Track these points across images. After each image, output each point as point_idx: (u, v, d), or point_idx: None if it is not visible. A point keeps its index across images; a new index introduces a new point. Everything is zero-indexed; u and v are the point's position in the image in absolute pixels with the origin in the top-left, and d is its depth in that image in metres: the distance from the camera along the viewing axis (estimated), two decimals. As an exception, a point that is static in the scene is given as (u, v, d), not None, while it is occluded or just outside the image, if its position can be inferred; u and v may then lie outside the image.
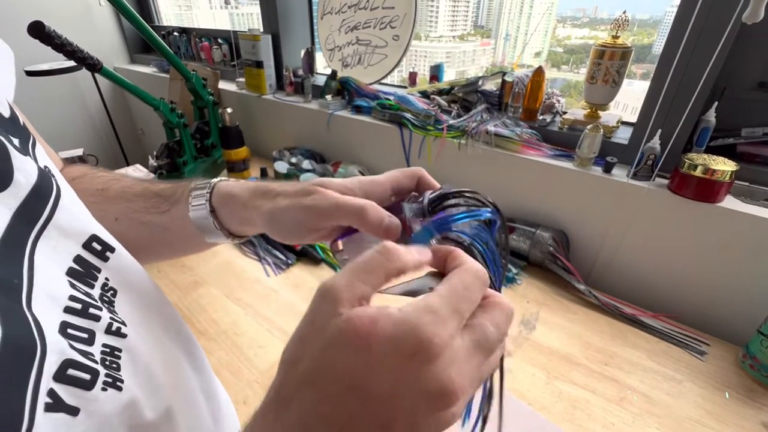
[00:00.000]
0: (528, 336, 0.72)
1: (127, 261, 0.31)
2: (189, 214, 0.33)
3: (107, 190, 0.36)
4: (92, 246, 0.28)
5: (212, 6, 2.39)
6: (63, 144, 1.78)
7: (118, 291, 0.29)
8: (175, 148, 1.21)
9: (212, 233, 0.34)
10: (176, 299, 0.81)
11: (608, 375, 0.65)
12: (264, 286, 0.85)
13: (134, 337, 0.27)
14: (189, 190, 0.34)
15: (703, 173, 0.69)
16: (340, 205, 0.27)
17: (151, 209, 0.34)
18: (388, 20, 1.17)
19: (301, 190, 0.30)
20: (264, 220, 0.31)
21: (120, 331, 0.26)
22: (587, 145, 0.81)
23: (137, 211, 0.34)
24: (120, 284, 0.29)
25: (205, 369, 0.38)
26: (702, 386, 0.63)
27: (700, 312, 0.76)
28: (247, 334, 0.73)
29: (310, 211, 0.28)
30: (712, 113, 0.73)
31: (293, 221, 0.29)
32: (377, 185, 0.30)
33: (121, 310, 0.28)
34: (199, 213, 0.33)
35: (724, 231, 0.71)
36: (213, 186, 0.33)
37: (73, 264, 0.26)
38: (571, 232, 0.89)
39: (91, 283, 0.27)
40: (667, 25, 1.20)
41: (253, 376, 0.65)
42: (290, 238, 0.31)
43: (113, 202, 0.35)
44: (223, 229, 0.33)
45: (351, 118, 1.17)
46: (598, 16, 3.07)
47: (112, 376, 0.24)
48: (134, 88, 1.09)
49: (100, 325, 0.25)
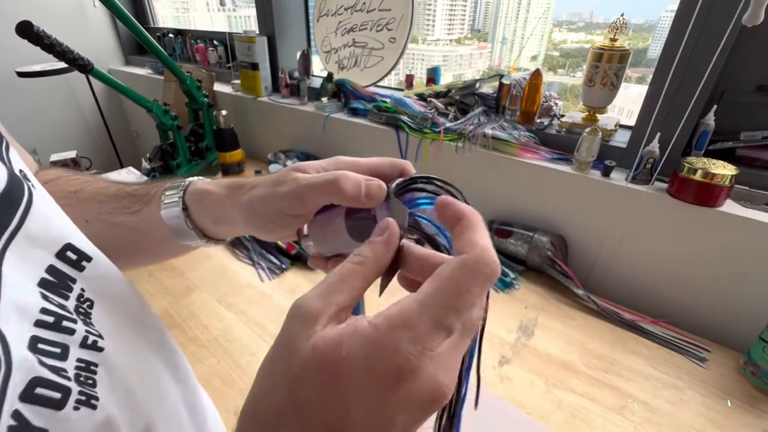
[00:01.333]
0: (526, 342, 0.71)
1: (106, 270, 0.30)
2: (160, 212, 0.31)
3: (80, 192, 0.34)
4: (66, 255, 0.26)
5: (210, 9, 2.39)
6: (56, 146, 1.76)
7: (95, 302, 0.28)
8: (168, 150, 1.19)
9: (185, 234, 0.32)
10: (167, 305, 0.79)
11: (608, 382, 0.64)
12: (257, 292, 0.83)
13: (112, 351, 0.26)
14: (162, 189, 0.32)
15: (703, 177, 0.68)
16: (313, 184, 0.25)
17: (123, 210, 0.33)
18: (384, 22, 1.16)
19: (276, 179, 0.28)
20: (242, 215, 0.29)
21: (96, 344, 0.24)
22: (585, 148, 0.80)
23: (109, 212, 0.33)
24: (97, 295, 0.28)
25: (189, 380, 0.37)
26: (704, 394, 0.62)
27: (701, 318, 0.75)
28: (239, 341, 0.71)
29: (286, 197, 0.26)
30: (711, 116, 0.72)
31: (272, 211, 0.27)
32: (356, 167, 0.28)
33: (99, 321, 0.27)
34: (171, 211, 0.31)
35: (724, 236, 0.70)
36: (187, 184, 0.32)
37: (46, 274, 0.24)
38: (570, 237, 0.88)
39: (66, 294, 0.25)
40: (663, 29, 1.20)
41: (245, 385, 0.63)
42: (272, 230, 0.29)
43: (85, 204, 0.33)
44: (196, 229, 0.32)
45: (347, 121, 1.16)
46: (594, 20, 3.08)
47: (86, 393, 0.22)
48: (126, 89, 1.08)
49: (75, 339, 0.23)
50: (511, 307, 0.79)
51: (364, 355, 0.16)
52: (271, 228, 0.29)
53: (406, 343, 0.16)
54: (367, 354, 0.16)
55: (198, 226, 0.32)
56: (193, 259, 0.92)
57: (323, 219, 0.29)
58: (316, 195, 0.25)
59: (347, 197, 0.24)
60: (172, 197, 0.31)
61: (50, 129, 1.94)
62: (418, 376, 0.16)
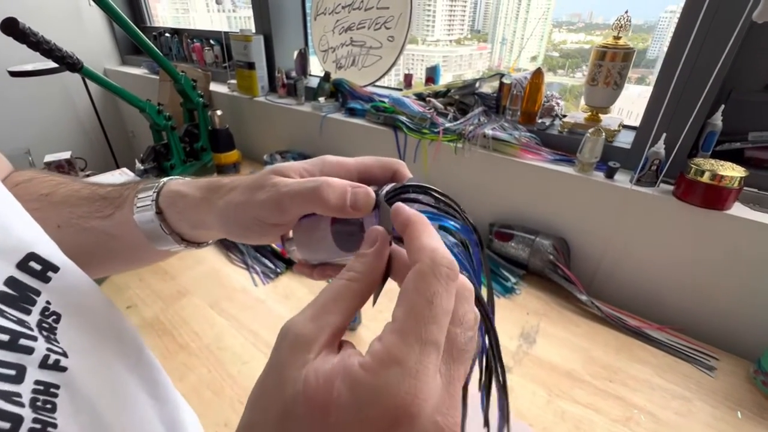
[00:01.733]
0: (528, 350, 0.69)
1: (75, 281, 0.27)
2: (133, 216, 0.29)
3: (52, 194, 0.32)
4: (29, 266, 0.24)
5: (209, 9, 2.37)
6: (51, 147, 1.73)
7: (63, 315, 0.25)
8: (162, 151, 1.17)
9: (161, 238, 0.29)
10: (158, 310, 0.77)
11: (613, 392, 0.62)
12: (251, 297, 0.81)
13: (77, 370, 0.24)
14: (135, 191, 0.30)
15: (711, 179, 0.66)
16: (293, 192, 0.23)
17: (95, 213, 0.30)
18: (382, 21, 1.14)
19: (254, 182, 0.25)
20: (218, 221, 0.27)
21: (59, 364, 0.22)
22: (589, 149, 0.78)
23: (81, 216, 0.30)
24: (65, 308, 0.25)
25: (170, 397, 0.34)
26: (713, 405, 0.60)
27: (708, 324, 0.73)
28: (231, 349, 0.69)
29: (264, 205, 0.24)
30: (719, 116, 0.70)
31: (249, 219, 0.25)
32: (342, 169, 0.25)
33: (66, 337, 0.25)
34: (144, 215, 0.29)
35: (733, 239, 0.67)
36: (161, 185, 0.29)
37: (4, 287, 0.22)
38: (572, 240, 0.86)
39: (27, 308, 0.23)
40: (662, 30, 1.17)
41: (236, 395, 0.61)
42: (251, 237, 0.27)
43: (56, 208, 0.31)
44: (173, 233, 0.29)
45: (344, 121, 1.14)
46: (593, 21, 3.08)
47: (42, 420, 0.20)
48: (118, 89, 1.06)
49: (33, 359, 0.21)
50: (512, 312, 0.77)
51: (356, 400, 0.14)
52: (249, 235, 0.27)
53: (398, 382, 0.14)
54: (359, 399, 0.14)
55: (175, 230, 0.30)
56: (186, 263, 0.90)
57: (308, 224, 0.26)
58: (296, 204, 0.23)
59: (331, 207, 0.22)
60: (144, 200, 0.29)
61: (45, 129, 1.92)
62: (415, 422, 0.14)
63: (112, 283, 0.83)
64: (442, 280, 0.16)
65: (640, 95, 1.02)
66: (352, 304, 0.19)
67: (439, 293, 0.16)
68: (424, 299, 0.16)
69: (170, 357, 0.67)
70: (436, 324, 0.15)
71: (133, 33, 1.02)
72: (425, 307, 0.15)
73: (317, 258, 0.29)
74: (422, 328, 0.15)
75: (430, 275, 0.16)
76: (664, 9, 1.23)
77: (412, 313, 0.16)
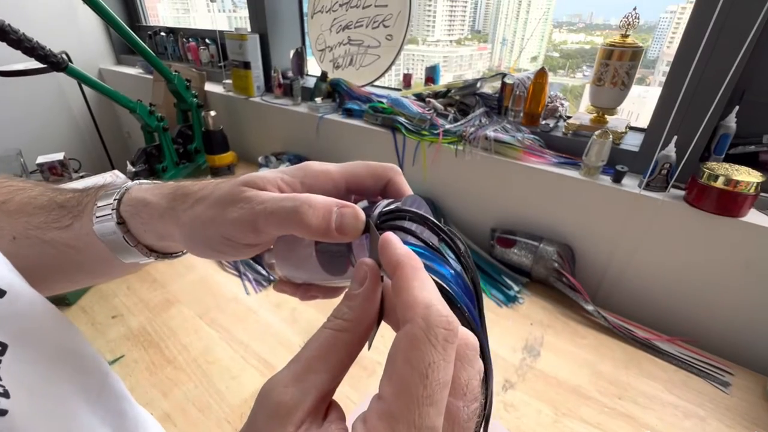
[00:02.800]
0: (532, 364, 0.65)
1: (25, 305, 0.24)
2: (93, 227, 0.25)
3: (8, 202, 0.28)
4: None
5: (210, 9, 2.34)
6: (45, 147, 1.69)
7: (9, 346, 0.22)
8: (153, 153, 1.14)
9: (126, 251, 0.26)
10: (145, 321, 0.73)
11: (622, 411, 0.58)
12: (242, 306, 0.77)
13: (21, 412, 0.20)
14: (95, 198, 0.26)
15: (725, 184, 0.62)
16: (269, 211, 0.19)
17: (52, 224, 0.27)
18: (381, 19, 1.10)
19: (225, 196, 0.21)
20: (182, 236, 0.23)
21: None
22: (595, 152, 0.74)
23: (37, 227, 0.27)
24: (13, 337, 0.22)
25: (140, 428, 0.31)
26: (728, 424, 0.56)
27: (722, 337, 0.70)
28: (219, 362, 0.65)
29: (236, 224, 0.21)
30: (732, 118, 0.67)
31: (218, 237, 0.22)
32: (327, 178, 0.22)
33: (11, 372, 0.21)
34: (104, 226, 0.25)
35: (748, 248, 0.64)
36: (122, 192, 0.26)
37: None
38: (577, 247, 0.82)
39: None
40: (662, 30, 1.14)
41: (224, 414, 0.57)
42: (220, 255, 0.23)
43: (11, 218, 0.28)
44: (138, 245, 0.26)
45: (342, 122, 1.10)
46: (594, 21, 3.05)
47: None
48: (107, 89, 1.02)
49: None
50: (515, 323, 0.73)
51: None
52: (217, 255, 0.23)
53: None
54: None
55: (141, 241, 0.26)
56: (176, 270, 0.86)
57: (290, 240, 0.23)
58: (272, 225, 0.20)
59: (312, 231, 0.18)
60: (104, 209, 0.25)
61: (38, 130, 1.89)
62: None
63: (98, 291, 0.79)
64: (438, 346, 0.13)
65: (640, 96, 0.99)
66: (343, 360, 0.16)
67: (436, 363, 0.13)
68: (417, 374, 0.12)
69: (156, 371, 0.64)
70: (433, 406, 0.12)
71: (124, 32, 0.99)
72: (419, 383, 0.12)
73: (300, 277, 0.26)
74: (416, 412, 0.12)
75: (424, 341, 0.13)
76: (665, 9, 1.21)
77: (403, 393, 0.12)
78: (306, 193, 0.20)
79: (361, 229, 0.18)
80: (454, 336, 0.13)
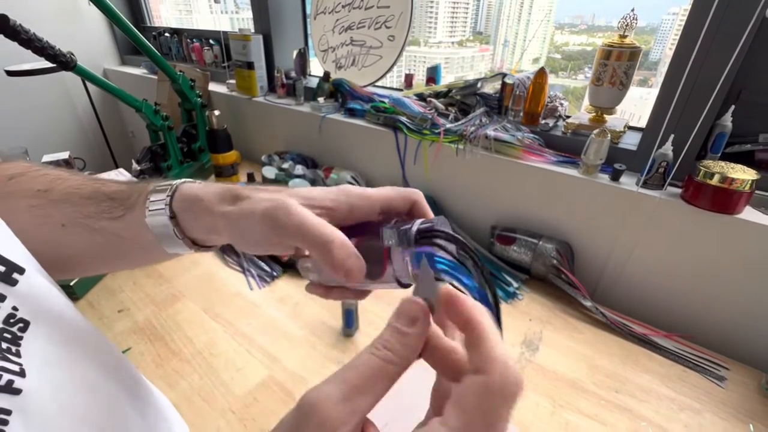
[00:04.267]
0: (531, 358, 0.66)
1: (42, 285, 0.25)
2: (146, 219, 0.27)
3: (51, 191, 0.30)
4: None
5: (212, 11, 2.36)
6: (49, 147, 1.71)
7: (31, 323, 0.23)
8: (158, 151, 1.15)
9: (173, 243, 0.28)
10: (150, 314, 0.75)
11: (619, 403, 0.59)
12: (246, 301, 0.79)
13: (36, 390, 0.21)
14: (147, 192, 0.28)
15: (721, 182, 0.63)
16: (304, 230, 0.23)
17: (103, 214, 0.29)
18: (383, 20, 1.12)
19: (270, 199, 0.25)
20: (227, 227, 0.26)
21: (11, 386, 0.20)
22: (594, 150, 0.76)
23: (88, 216, 0.29)
24: (34, 314, 0.23)
25: (150, 409, 0.32)
26: (723, 417, 0.57)
27: (718, 332, 0.71)
28: (224, 355, 0.67)
29: (271, 224, 0.24)
30: (728, 117, 0.68)
31: (255, 231, 0.25)
32: (366, 201, 0.26)
33: (32, 350, 0.22)
34: (157, 219, 0.27)
35: (743, 245, 0.65)
36: (175, 188, 0.28)
37: None
38: (576, 244, 0.84)
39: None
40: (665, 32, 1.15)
41: (228, 404, 0.59)
42: (257, 249, 0.26)
43: (58, 206, 0.29)
44: (185, 238, 0.28)
45: (344, 122, 1.12)
46: (596, 23, 3.06)
47: None
48: (114, 88, 1.04)
49: None
50: (514, 319, 0.75)
51: None
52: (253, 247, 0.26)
53: None
54: None
55: (188, 235, 0.28)
56: (181, 265, 0.88)
57: None
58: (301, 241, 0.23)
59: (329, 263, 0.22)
60: (157, 204, 0.27)
61: (43, 129, 1.91)
62: None
63: (105, 285, 0.81)
64: (509, 401, 0.15)
65: (642, 97, 1.00)
66: (386, 387, 0.17)
67: (503, 418, 0.15)
68: (485, 422, 0.14)
69: (162, 363, 0.65)
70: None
71: (131, 32, 1.01)
72: (484, 427, 0.14)
73: (334, 281, 0.28)
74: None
75: (498, 396, 0.15)
76: (667, 11, 1.21)
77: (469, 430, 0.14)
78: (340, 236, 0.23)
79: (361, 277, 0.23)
80: (521, 395, 0.15)
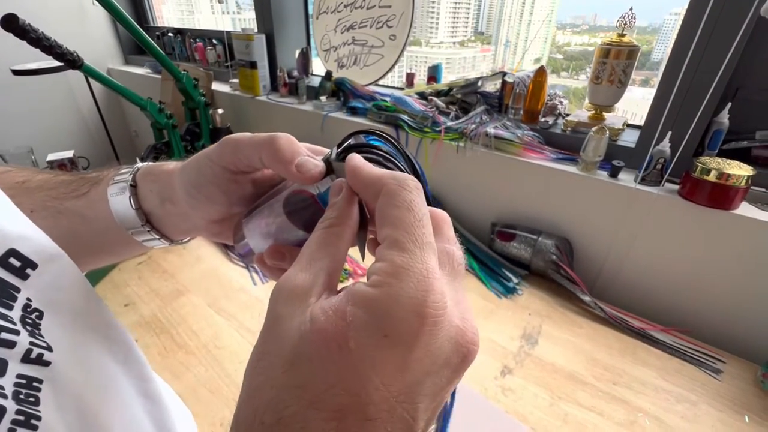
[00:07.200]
0: (530, 351, 0.67)
1: (56, 278, 0.26)
2: (107, 189, 0.28)
3: (28, 181, 0.31)
4: (9, 262, 0.23)
5: (214, 11, 2.38)
6: (54, 146, 1.73)
7: (45, 313, 0.24)
8: (162, 149, 1.17)
9: (128, 218, 0.28)
10: (156, 308, 0.76)
11: (617, 395, 0.60)
12: (249, 296, 0.80)
13: (62, 365, 0.23)
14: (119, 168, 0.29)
15: (717, 178, 0.64)
16: (255, 138, 0.23)
17: (71, 193, 0.29)
18: (384, 19, 1.13)
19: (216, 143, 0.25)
20: (181, 179, 0.26)
21: (42, 358, 0.21)
22: (592, 148, 0.77)
23: (56, 197, 0.29)
24: (46, 305, 0.25)
25: (158, 396, 0.34)
26: (719, 409, 0.58)
27: (714, 326, 0.72)
28: (228, 348, 0.68)
29: (221, 149, 0.24)
30: (725, 115, 0.69)
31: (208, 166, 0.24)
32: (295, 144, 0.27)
33: (50, 333, 0.24)
34: (116, 186, 0.28)
35: (740, 240, 0.66)
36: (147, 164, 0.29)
37: None
38: (575, 240, 0.85)
39: (9, 303, 0.22)
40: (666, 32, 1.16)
41: (232, 395, 0.60)
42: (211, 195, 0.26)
43: (30, 194, 0.30)
44: (139, 210, 0.28)
45: (346, 120, 1.13)
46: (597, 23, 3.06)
47: (25, 412, 0.19)
48: (119, 87, 1.05)
49: (15, 353, 0.21)
50: (514, 313, 0.76)
51: (374, 316, 0.14)
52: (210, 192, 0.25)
53: (412, 286, 0.14)
54: (377, 314, 0.14)
55: (143, 206, 0.28)
56: (185, 261, 0.89)
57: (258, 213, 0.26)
58: (252, 147, 0.23)
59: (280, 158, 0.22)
60: (123, 175, 0.28)
61: (48, 128, 1.93)
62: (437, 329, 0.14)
63: (111, 280, 0.82)
64: (413, 191, 0.16)
65: (644, 97, 1.00)
66: (339, 247, 0.18)
67: (416, 201, 0.16)
68: (404, 209, 0.16)
69: (168, 355, 0.66)
70: (424, 227, 0.16)
71: (136, 32, 1.02)
72: (408, 214, 0.16)
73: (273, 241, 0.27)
74: (415, 233, 0.15)
75: (401, 189, 0.16)
76: (669, 11, 1.22)
77: (399, 224, 0.16)
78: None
79: (316, 176, 0.22)
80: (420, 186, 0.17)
